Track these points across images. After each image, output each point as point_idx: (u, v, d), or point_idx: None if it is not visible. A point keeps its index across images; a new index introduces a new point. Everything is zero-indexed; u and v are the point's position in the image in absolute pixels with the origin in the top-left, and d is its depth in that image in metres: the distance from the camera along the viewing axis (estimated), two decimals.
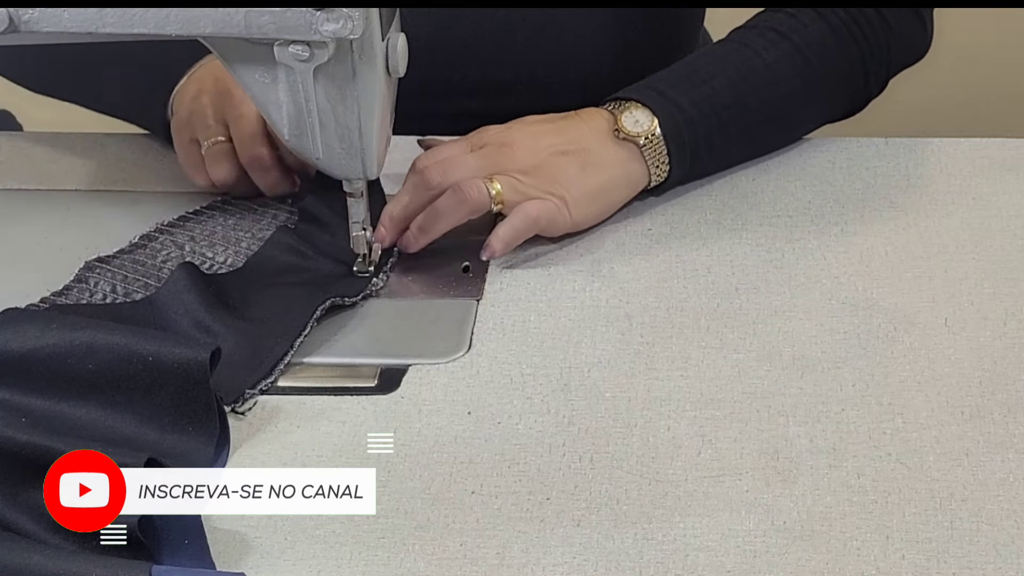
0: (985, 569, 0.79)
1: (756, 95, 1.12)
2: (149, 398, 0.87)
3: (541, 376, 0.94)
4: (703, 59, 1.14)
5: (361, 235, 1.01)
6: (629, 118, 1.08)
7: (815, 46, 1.13)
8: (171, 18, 0.88)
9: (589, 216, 1.07)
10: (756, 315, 0.98)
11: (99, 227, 1.09)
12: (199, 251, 1.05)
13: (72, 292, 1.01)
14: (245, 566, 0.80)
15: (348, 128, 0.94)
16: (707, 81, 1.10)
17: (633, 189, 1.09)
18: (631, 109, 1.08)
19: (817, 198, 1.11)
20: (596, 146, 1.07)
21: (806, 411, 0.90)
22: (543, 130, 1.08)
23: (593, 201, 1.06)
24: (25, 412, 0.87)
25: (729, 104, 1.10)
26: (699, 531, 0.82)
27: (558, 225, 1.05)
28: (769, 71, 1.12)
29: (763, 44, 1.13)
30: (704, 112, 1.09)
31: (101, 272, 1.03)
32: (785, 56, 1.12)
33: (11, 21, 0.88)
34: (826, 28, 1.13)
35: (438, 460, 0.87)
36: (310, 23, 0.87)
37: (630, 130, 1.07)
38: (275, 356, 0.94)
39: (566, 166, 1.06)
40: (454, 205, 1.03)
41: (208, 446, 0.87)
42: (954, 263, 1.03)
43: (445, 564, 0.80)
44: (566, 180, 1.05)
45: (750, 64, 1.12)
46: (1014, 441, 0.87)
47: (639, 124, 1.08)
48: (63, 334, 0.88)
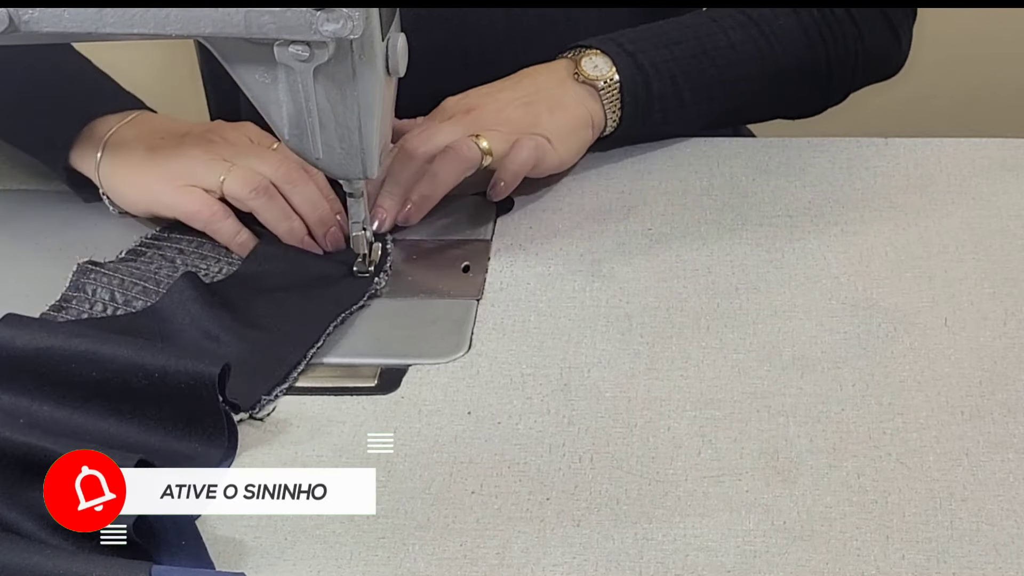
0: (985, 569, 0.79)
1: (715, 71, 1.14)
2: (156, 410, 0.87)
3: (541, 376, 0.94)
4: (670, 25, 1.16)
5: (361, 235, 1.01)
6: (589, 63, 1.12)
7: (782, 37, 1.16)
8: (171, 18, 0.88)
9: (571, 151, 1.11)
10: (756, 315, 0.98)
11: (99, 227, 1.09)
12: (191, 263, 1.04)
13: (72, 304, 1.01)
14: (245, 566, 0.80)
15: (348, 128, 0.94)
16: (669, 46, 1.14)
17: (596, 130, 1.12)
18: (591, 55, 1.12)
19: (817, 198, 1.11)
20: (556, 89, 1.11)
21: (806, 411, 0.90)
22: (500, 87, 1.12)
23: (570, 137, 1.11)
24: (25, 414, 0.87)
25: (687, 72, 1.13)
26: (699, 531, 0.82)
27: (549, 160, 1.09)
28: (732, 50, 1.15)
29: (731, 24, 1.16)
30: (661, 73, 1.12)
31: (97, 277, 1.02)
32: (750, 40, 1.15)
33: (11, 21, 0.88)
34: (796, 23, 1.16)
35: (438, 460, 0.87)
36: (310, 23, 0.87)
37: (589, 73, 1.11)
38: (290, 363, 0.94)
39: (536, 112, 1.10)
40: (449, 164, 1.05)
41: (214, 454, 0.87)
42: (954, 263, 1.03)
43: (445, 564, 0.80)
44: (541, 123, 1.09)
45: (714, 39, 1.15)
46: (1014, 441, 0.87)
47: (598, 69, 1.12)
48: (67, 340, 0.88)
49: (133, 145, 1.08)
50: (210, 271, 1.04)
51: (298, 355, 0.95)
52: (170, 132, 1.08)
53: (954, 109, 2.02)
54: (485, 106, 1.10)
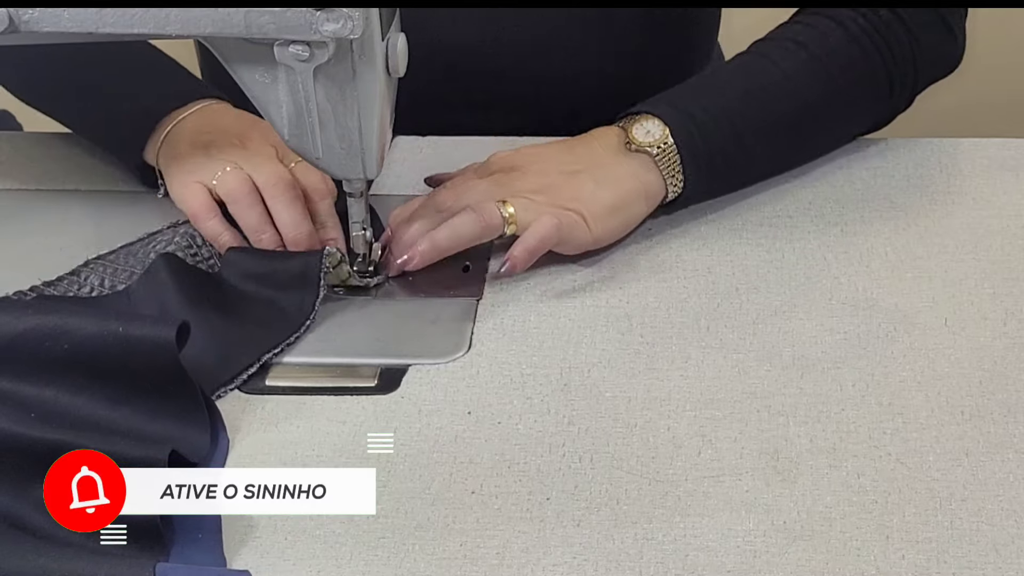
0: (985, 569, 0.79)
1: (773, 105, 1.08)
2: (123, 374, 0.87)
3: (541, 376, 0.94)
4: (717, 71, 1.12)
5: (361, 235, 1.01)
6: (640, 129, 1.05)
7: (835, 56, 1.09)
8: (171, 18, 0.88)
9: (609, 230, 1.04)
10: (756, 315, 0.98)
11: (99, 227, 1.09)
12: (190, 232, 1.05)
13: (62, 283, 1.02)
14: (245, 566, 0.80)
15: (348, 128, 0.94)
16: (720, 90, 1.08)
17: (652, 202, 1.05)
18: (641, 121, 1.06)
19: (817, 198, 1.11)
20: (608, 161, 1.05)
21: (806, 411, 0.90)
22: (551, 151, 1.06)
23: (612, 216, 1.03)
24: (12, 398, 0.87)
25: (744, 113, 1.07)
26: (699, 531, 0.82)
27: (578, 237, 1.02)
28: (787, 81, 1.08)
29: (780, 55, 1.09)
30: (718, 121, 1.06)
31: (94, 267, 1.04)
32: (803, 66, 1.08)
33: (11, 21, 0.88)
34: (846, 37, 1.09)
35: (438, 460, 0.87)
36: (310, 23, 0.87)
37: (641, 140, 1.05)
38: (241, 365, 0.94)
39: (580, 183, 1.03)
40: (468, 224, 1.01)
41: (200, 431, 0.87)
42: (954, 263, 1.03)
43: (445, 564, 0.80)
44: (582, 197, 1.03)
45: (767, 74, 1.08)
46: (1014, 441, 0.87)
47: (650, 135, 1.05)
48: (38, 319, 0.89)
49: (184, 137, 1.08)
50: (200, 255, 1.04)
51: (251, 358, 0.95)
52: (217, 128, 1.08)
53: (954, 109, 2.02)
54: (529, 168, 1.04)
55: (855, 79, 1.10)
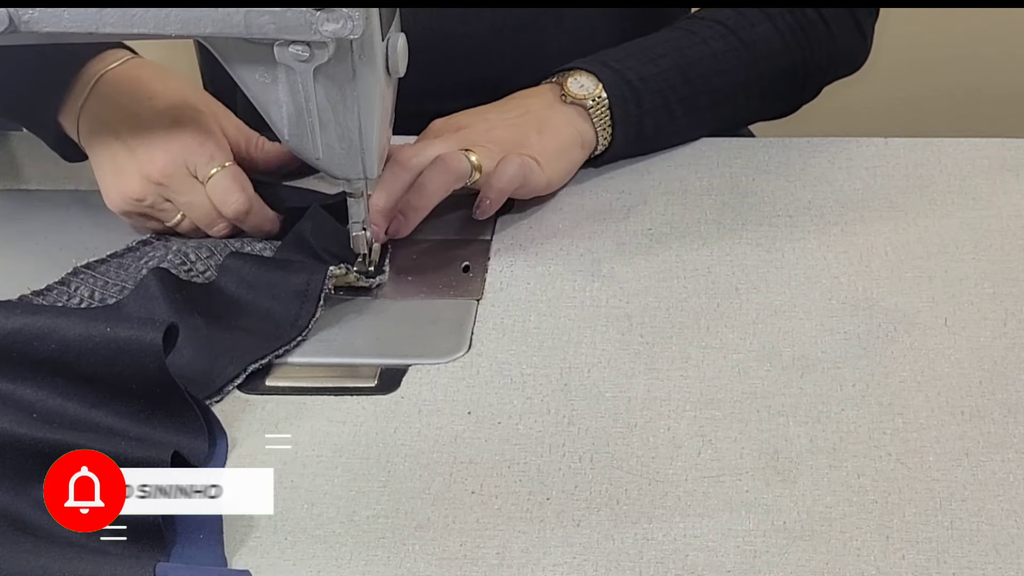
0: (985, 569, 0.79)
1: (700, 81, 1.15)
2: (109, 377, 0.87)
3: (541, 376, 0.94)
4: (651, 41, 1.17)
5: (361, 235, 1.01)
6: (574, 83, 1.12)
7: (760, 45, 1.17)
8: (171, 18, 0.88)
9: (558, 173, 1.10)
10: (756, 315, 0.98)
11: (99, 227, 1.09)
12: (183, 251, 1.04)
13: (51, 294, 1.01)
14: (245, 566, 0.80)
15: (348, 128, 0.94)
16: (653, 61, 1.14)
17: (586, 150, 1.12)
18: (575, 76, 1.12)
19: (817, 198, 1.11)
20: (545, 111, 1.11)
21: (806, 411, 0.90)
22: (489, 109, 1.12)
23: (558, 159, 1.10)
24: (7, 397, 0.87)
25: (674, 85, 1.14)
26: (699, 531, 0.82)
27: (535, 180, 1.07)
28: (715, 60, 1.15)
29: (710, 35, 1.16)
30: (650, 87, 1.13)
31: (84, 278, 1.03)
32: (731, 49, 1.16)
33: (11, 21, 0.88)
34: (772, 30, 1.17)
35: (438, 460, 0.87)
36: (310, 23, 0.87)
37: (576, 93, 1.11)
38: (227, 375, 0.94)
39: (524, 132, 1.09)
40: (439, 174, 1.05)
41: (196, 436, 0.87)
42: (954, 263, 1.03)
43: (445, 564, 0.80)
44: (529, 143, 1.08)
45: (696, 50, 1.15)
46: (1014, 441, 0.87)
47: (584, 88, 1.11)
48: (26, 319, 0.88)
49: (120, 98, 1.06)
50: (196, 268, 1.03)
51: (236, 369, 0.94)
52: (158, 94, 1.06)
53: (954, 109, 2.02)
54: (474, 125, 1.10)
55: (774, 69, 1.18)
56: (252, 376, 0.94)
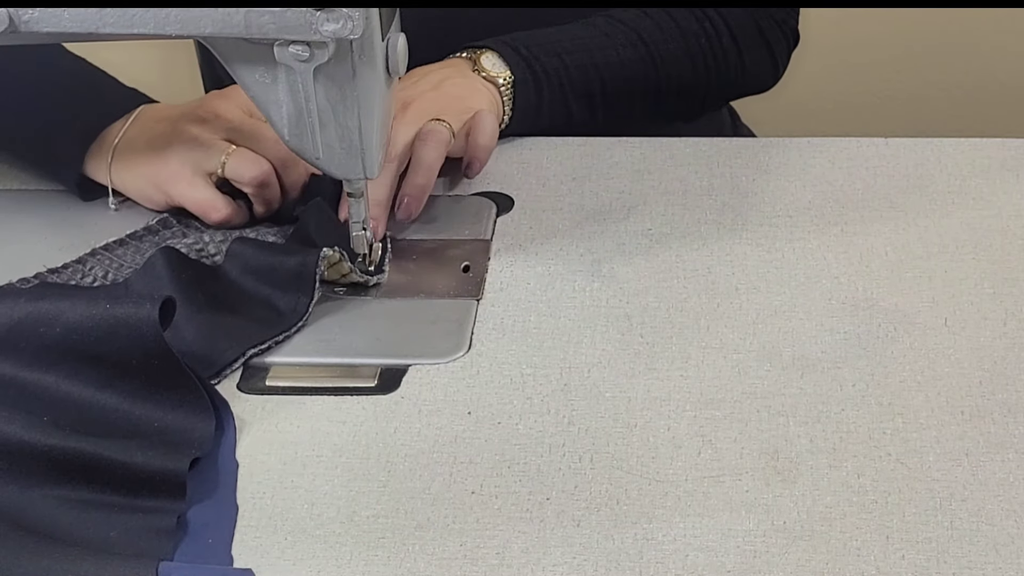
0: (985, 569, 0.79)
1: (603, 85, 1.18)
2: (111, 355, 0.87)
3: (541, 376, 0.94)
4: (564, 34, 1.19)
5: (361, 235, 1.01)
6: (487, 61, 1.15)
7: (669, 61, 1.20)
8: (171, 18, 0.88)
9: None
10: (756, 315, 0.98)
11: (99, 227, 1.09)
12: (200, 237, 1.06)
13: (66, 271, 1.03)
14: (245, 566, 0.80)
15: (348, 128, 0.94)
16: (561, 55, 1.17)
17: (499, 119, 1.14)
18: (488, 54, 1.16)
19: (817, 198, 1.11)
20: (463, 79, 1.14)
21: (806, 411, 0.90)
22: (415, 83, 1.13)
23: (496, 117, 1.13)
24: (17, 386, 0.88)
25: (575, 81, 1.17)
26: (699, 531, 0.82)
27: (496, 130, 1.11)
28: (621, 68, 1.19)
29: (623, 41, 1.19)
30: (552, 81, 1.16)
31: (100, 258, 1.04)
32: (639, 59, 1.19)
33: (11, 21, 0.88)
34: (683, 51, 1.21)
35: (438, 460, 0.87)
36: (310, 23, 0.87)
37: (489, 70, 1.15)
38: (226, 358, 0.94)
39: (458, 96, 1.12)
40: (431, 147, 1.07)
41: (204, 418, 0.88)
42: (954, 263, 1.03)
43: (445, 564, 0.80)
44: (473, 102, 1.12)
45: (605, 54, 1.18)
46: (1014, 441, 0.87)
47: (496, 67, 1.15)
48: (31, 305, 0.89)
49: (137, 143, 1.08)
50: (208, 251, 1.04)
51: (235, 353, 0.95)
52: (165, 117, 1.09)
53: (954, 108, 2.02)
54: (414, 99, 1.11)
55: (678, 88, 1.22)
56: (252, 376, 0.94)
